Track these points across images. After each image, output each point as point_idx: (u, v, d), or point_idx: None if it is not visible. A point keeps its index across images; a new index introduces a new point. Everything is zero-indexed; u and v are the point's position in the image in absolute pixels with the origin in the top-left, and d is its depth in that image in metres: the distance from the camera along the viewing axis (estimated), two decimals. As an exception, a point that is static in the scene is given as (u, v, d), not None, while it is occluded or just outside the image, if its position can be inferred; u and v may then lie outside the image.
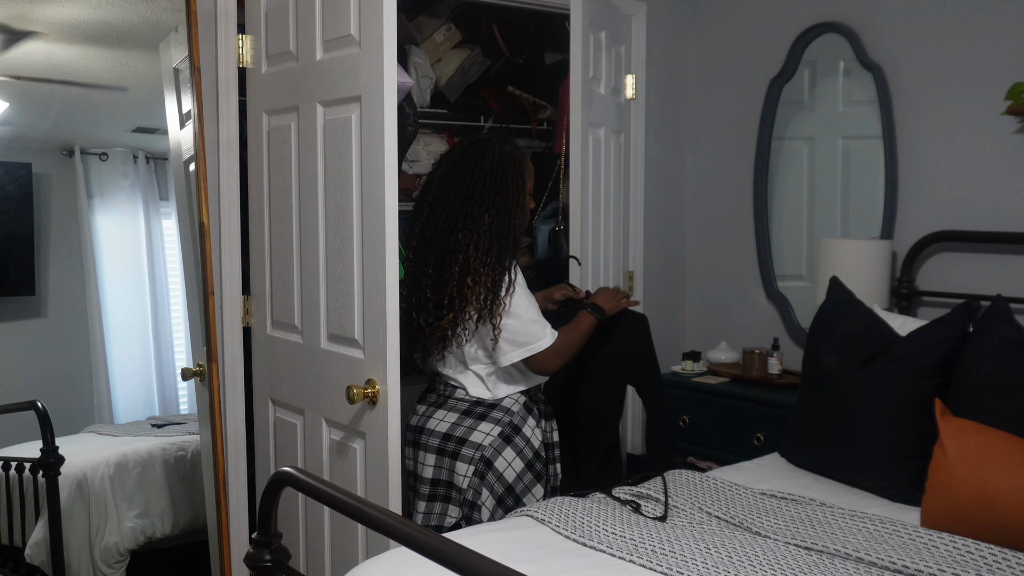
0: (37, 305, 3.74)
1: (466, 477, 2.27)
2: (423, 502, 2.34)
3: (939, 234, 2.88)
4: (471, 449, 2.28)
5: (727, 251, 3.64)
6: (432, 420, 2.36)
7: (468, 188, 2.29)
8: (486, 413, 2.32)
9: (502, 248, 2.27)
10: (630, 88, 3.41)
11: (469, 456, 2.28)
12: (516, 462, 2.31)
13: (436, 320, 2.28)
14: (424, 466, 2.35)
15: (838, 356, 2.47)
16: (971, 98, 2.84)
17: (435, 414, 2.36)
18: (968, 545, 1.85)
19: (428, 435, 2.34)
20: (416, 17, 3.59)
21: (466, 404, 2.35)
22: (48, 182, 3.74)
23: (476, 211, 2.26)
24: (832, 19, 3.19)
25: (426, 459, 2.34)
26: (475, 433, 2.29)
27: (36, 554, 3.22)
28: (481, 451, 2.27)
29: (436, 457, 2.32)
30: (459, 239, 2.25)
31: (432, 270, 2.28)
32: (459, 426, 2.31)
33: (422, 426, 2.37)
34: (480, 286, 2.23)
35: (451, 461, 2.29)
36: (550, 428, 2.45)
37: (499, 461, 2.29)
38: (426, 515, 2.33)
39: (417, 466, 2.38)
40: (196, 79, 2.56)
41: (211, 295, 2.61)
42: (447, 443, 2.31)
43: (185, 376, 2.83)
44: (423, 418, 2.39)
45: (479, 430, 2.29)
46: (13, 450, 3.34)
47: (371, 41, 2.09)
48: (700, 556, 1.80)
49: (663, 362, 3.64)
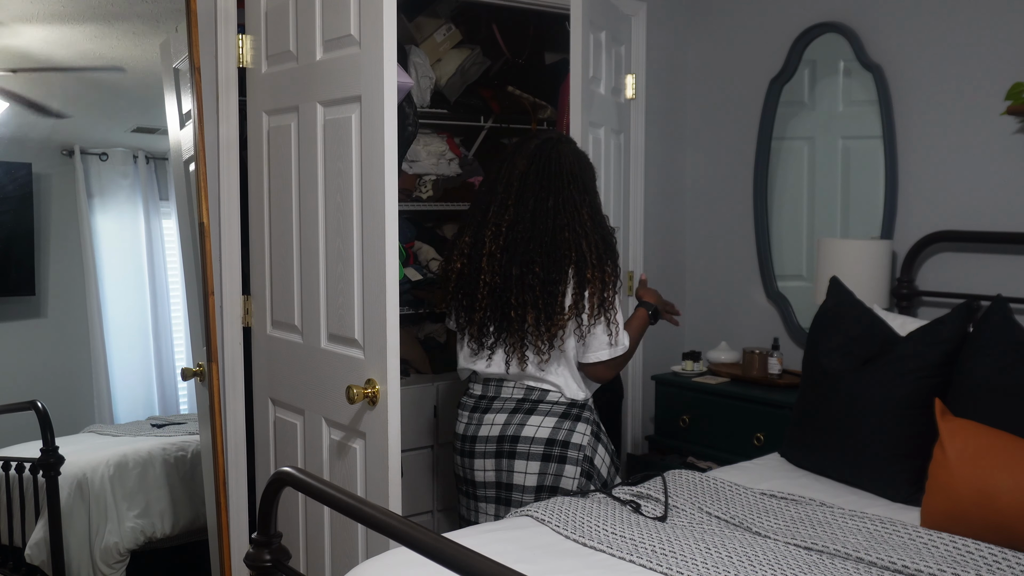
0: (37, 305, 3.74)
1: (575, 479, 2.32)
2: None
3: (939, 234, 2.88)
4: (575, 451, 2.33)
5: (727, 251, 3.64)
6: (528, 428, 2.34)
7: (558, 187, 2.32)
8: (580, 414, 2.37)
9: (608, 243, 2.34)
10: (630, 88, 3.41)
11: (576, 458, 2.32)
12: (607, 457, 2.40)
13: (548, 318, 2.27)
14: (527, 475, 2.34)
15: (838, 356, 2.47)
16: (971, 98, 2.84)
17: (529, 420, 2.34)
18: (968, 545, 1.85)
19: (528, 443, 2.33)
20: (416, 17, 3.59)
21: (563, 407, 2.36)
22: (48, 182, 3.73)
23: (574, 209, 2.31)
24: (832, 19, 3.19)
25: (528, 467, 2.33)
26: (575, 435, 2.34)
27: (36, 554, 3.22)
28: (583, 451, 2.33)
29: (542, 464, 2.32)
30: (567, 237, 2.28)
31: (540, 268, 2.27)
32: (560, 429, 2.33)
33: (516, 435, 2.34)
34: (598, 281, 2.28)
35: (558, 465, 2.32)
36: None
37: (597, 459, 2.37)
38: None
39: (511, 475, 2.35)
40: (196, 79, 2.56)
41: (211, 295, 2.61)
42: (552, 448, 2.32)
43: (185, 376, 2.83)
44: (512, 427, 2.35)
45: (577, 431, 2.34)
46: (13, 450, 3.34)
47: (371, 41, 2.09)
48: (700, 556, 1.80)
49: (663, 362, 3.65)
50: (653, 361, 3.64)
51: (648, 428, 3.64)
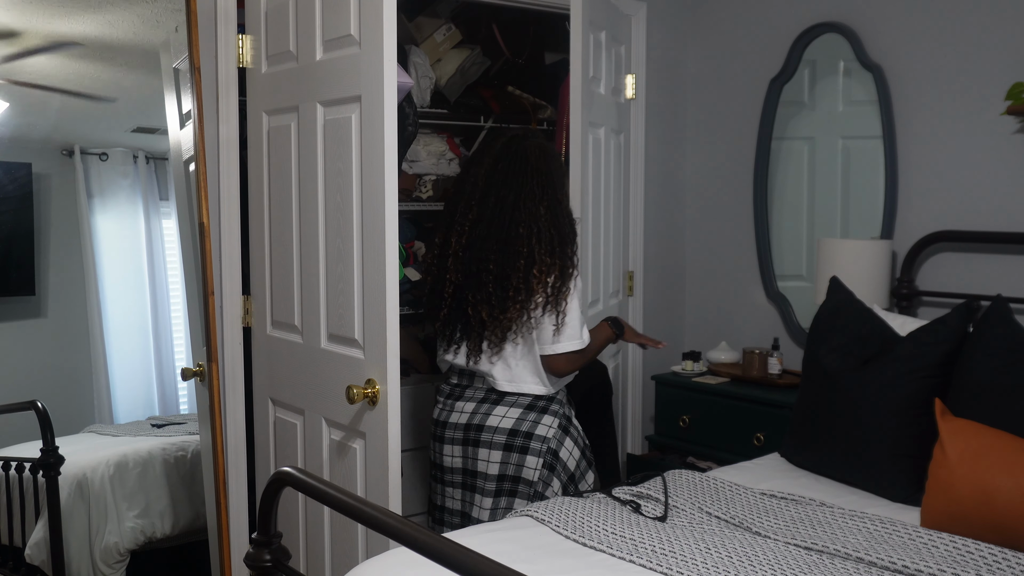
0: (37, 305, 3.73)
1: (536, 470, 2.34)
2: (489, 498, 2.39)
3: (939, 234, 2.87)
4: (538, 443, 2.35)
5: (727, 251, 3.63)
6: (493, 417, 2.39)
7: (518, 183, 2.35)
8: (547, 407, 2.40)
9: (563, 236, 2.35)
10: (630, 88, 3.41)
11: (538, 449, 2.35)
12: (575, 451, 2.42)
13: (501, 312, 2.31)
14: (489, 463, 2.39)
15: (838, 356, 2.47)
16: (971, 98, 2.84)
17: (495, 410, 2.40)
18: (968, 545, 1.85)
19: (492, 432, 2.39)
20: (416, 17, 3.59)
21: (528, 399, 2.40)
22: (48, 182, 3.73)
23: (532, 204, 2.33)
24: (832, 19, 3.19)
25: (491, 456, 2.38)
26: (540, 427, 2.37)
27: (36, 554, 3.22)
28: (547, 443, 2.36)
29: (503, 453, 2.36)
30: (520, 232, 2.31)
31: (493, 264, 2.31)
32: (524, 421, 2.38)
33: (481, 424, 2.40)
34: (546, 275, 2.30)
35: (520, 456, 2.35)
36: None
37: (562, 451, 2.39)
38: (493, 510, 2.37)
39: (475, 463, 2.42)
40: (196, 79, 2.56)
41: (211, 295, 2.61)
42: (515, 438, 2.36)
43: (185, 376, 2.83)
44: (478, 415, 2.42)
45: (543, 423, 2.37)
46: (13, 450, 3.34)
47: (371, 41, 2.09)
48: (700, 556, 1.80)
49: (663, 362, 3.65)
50: (653, 361, 3.64)
51: (648, 428, 3.64)
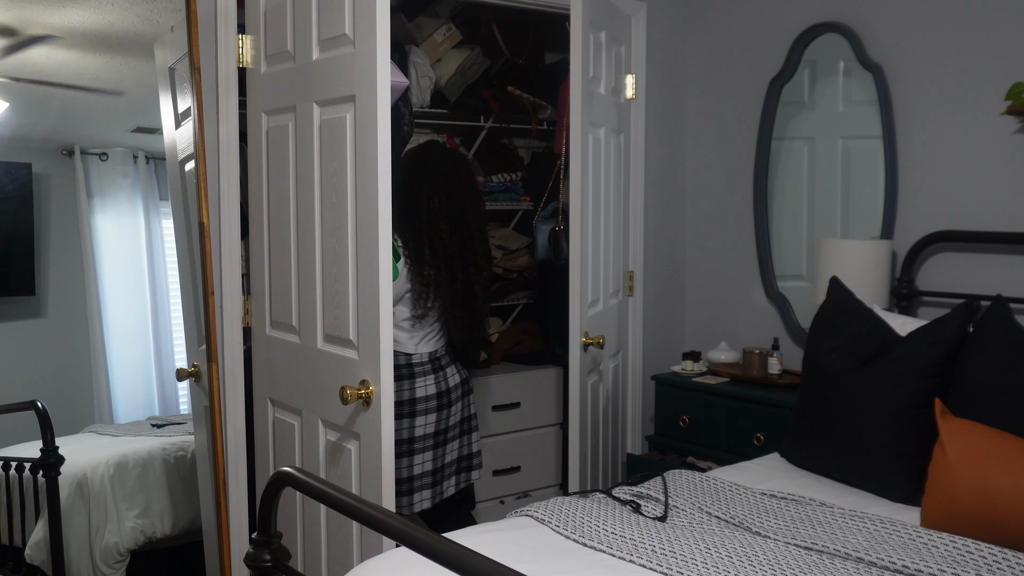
0: (37, 305, 3.73)
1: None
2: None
3: (939, 234, 2.87)
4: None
5: (727, 251, 3.63)
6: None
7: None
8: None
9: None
10: (630, 88, 3.41)
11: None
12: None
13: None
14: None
15: (838, 356, 2.47)
16: (971, 98, 2.84)
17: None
18: (968, 545, 1.85)
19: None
20: (416, 17, 3.59)
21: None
22: (48, 182, 3.73)
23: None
24: (832, 19, 3.19)
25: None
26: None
27: (36, 554, 3.22)
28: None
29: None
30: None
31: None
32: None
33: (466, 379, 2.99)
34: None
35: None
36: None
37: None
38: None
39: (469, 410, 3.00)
40: (196, 79, 2.56)
41: (211, 295, 2.61)
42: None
43: (180, 377, 2.83)
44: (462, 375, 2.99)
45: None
46: (13, 450, 3.34)
47: (364, 40, 2.09)
48: (700, 556, 1.80)
49: (663, 362, 3.65)
50: (653, 361, 3.64)
51: (648, 428, 3.64)
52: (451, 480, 2.96)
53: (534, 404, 3.81)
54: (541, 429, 3.85)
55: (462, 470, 3.00)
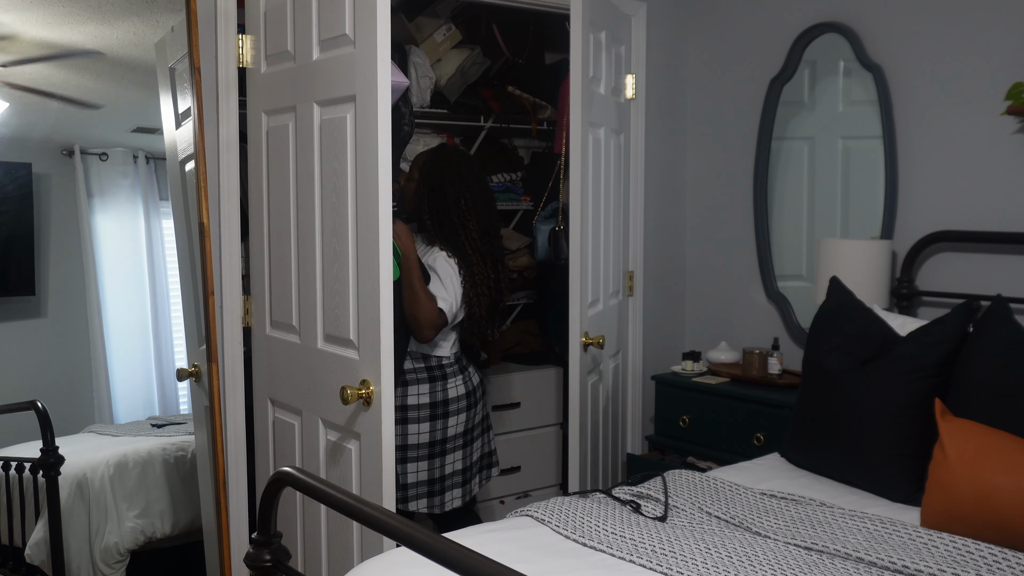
0: (37, 305, 3.74)
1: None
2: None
3: (939, 234, 2.87)
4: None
5: (727, 251, 3.63)
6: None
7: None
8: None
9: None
10: (630, 88, 3.41)
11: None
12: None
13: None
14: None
15: (838, 356, 2.47)
16: (971, 98, 2.84)
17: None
18: (968, 545, 1.85)
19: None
20: (416, 17, 3.59)
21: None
22: (48, 182, 3.73)
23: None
24: (832, 19, 3.19)
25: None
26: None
27: (36, 554, 3.22)
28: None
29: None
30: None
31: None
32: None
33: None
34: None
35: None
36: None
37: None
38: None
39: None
40: (196, 79, 2.56)
41: (211, 295, 2.61)
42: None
43: (180, 377, 2.83)
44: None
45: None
46: (13, 450, 3.34)
47: (365, 40, 2.09)
48: (700, 556, 1.80)
49: (663, 362, 3.65)
50: (653, 361, 3.64)
51: (648, 428, 3.64)
52: (476, 478, 2.98)
53: (534, 404, 3.81)
54: (541, 429, 3.85)
55: (483, 467, 3.03)
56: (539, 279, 3.97)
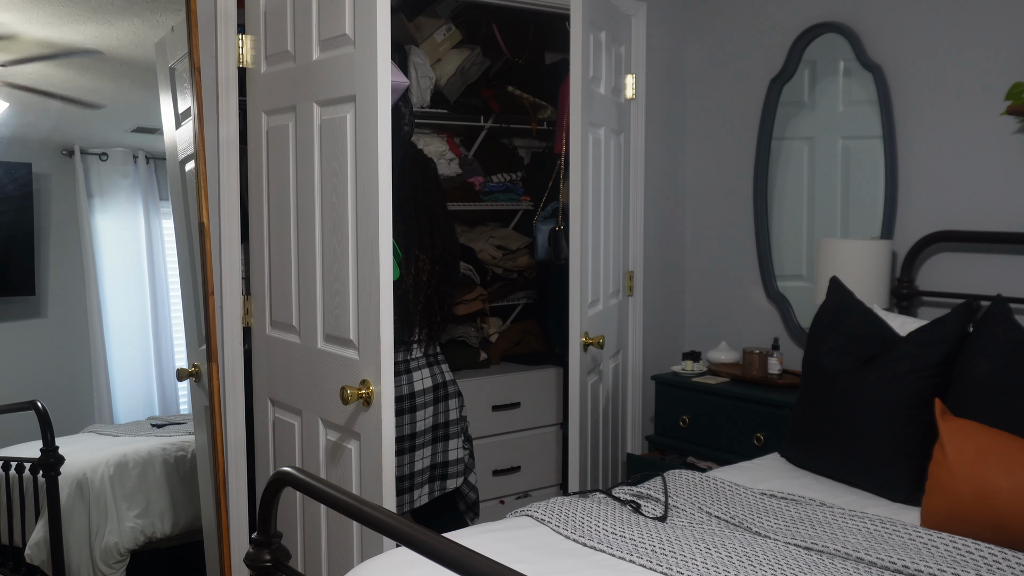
0: (37, 305, 3.73)
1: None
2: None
3: (939, 234, 2.87)
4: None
5: (727, 251, 3.63)
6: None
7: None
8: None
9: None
10: (630, 88, 3.41)
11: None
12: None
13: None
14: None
15: (838, 356, 2.47)
16: (971, 98, 2.84)
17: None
18: (968, 545, 1.85)
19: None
20: (416, 17, 3.59)
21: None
22: (48, 182, 3.73)
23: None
24: (832, 19, 3.19)
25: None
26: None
27: (36, 554, 3.22)
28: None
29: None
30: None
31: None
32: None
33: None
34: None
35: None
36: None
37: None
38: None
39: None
40: (196, 79, 2.56)
41: (211, 295, 2.61)
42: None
43: (180, 377, 2.83)
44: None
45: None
46: (13, 450, 3.34)
47: (365, 40, 2.09)
48: (700, 556, 1.80)
49: (663, 362, 3.65)
50: (653, 361, 3.64)
51: (648, 428, 3.64)
52: (450, 480, 2.99)
53: (534, 404, 3.81)
54: (541, 429, 3.85)
55: (449, 475, 3.05)
56: (539, 279, 3.97)
